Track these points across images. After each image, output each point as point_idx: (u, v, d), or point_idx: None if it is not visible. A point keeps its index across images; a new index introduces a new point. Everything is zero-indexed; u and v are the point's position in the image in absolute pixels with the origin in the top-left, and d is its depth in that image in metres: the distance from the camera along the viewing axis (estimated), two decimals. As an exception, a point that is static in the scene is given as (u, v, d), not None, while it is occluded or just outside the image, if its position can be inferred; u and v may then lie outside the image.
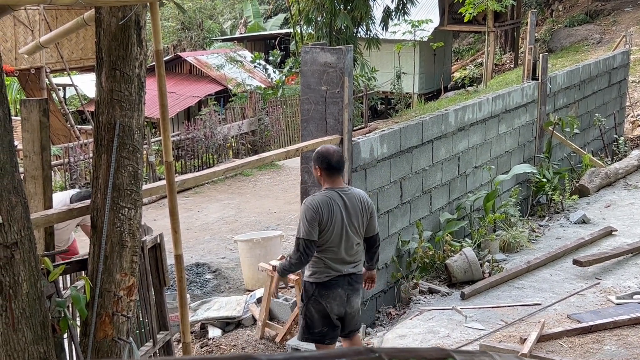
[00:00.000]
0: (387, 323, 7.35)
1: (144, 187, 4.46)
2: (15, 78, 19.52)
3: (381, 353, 1.28)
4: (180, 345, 4.87)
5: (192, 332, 8.15)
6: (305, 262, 5.52)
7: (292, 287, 8.46)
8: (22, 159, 4.29)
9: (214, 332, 8.09)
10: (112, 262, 4.02)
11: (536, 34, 26.32)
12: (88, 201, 4.17)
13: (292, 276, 7.48)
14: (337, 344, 5.99)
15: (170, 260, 5.29)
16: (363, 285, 5.87)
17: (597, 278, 7.43)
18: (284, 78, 23.05)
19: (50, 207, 4.23)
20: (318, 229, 5.41)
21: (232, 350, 7.53)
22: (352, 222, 5.52)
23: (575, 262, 7.58)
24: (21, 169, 4.37)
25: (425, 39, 24.57)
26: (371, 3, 18.59)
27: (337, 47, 6.87)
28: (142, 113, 4.09)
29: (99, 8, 3.97)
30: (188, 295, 8.41)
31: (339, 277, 5.54)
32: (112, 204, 3.97)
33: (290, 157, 7.23)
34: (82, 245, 8.22)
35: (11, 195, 3.45)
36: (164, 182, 4.58)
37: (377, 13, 19.84)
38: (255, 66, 25.60)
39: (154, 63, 4.46)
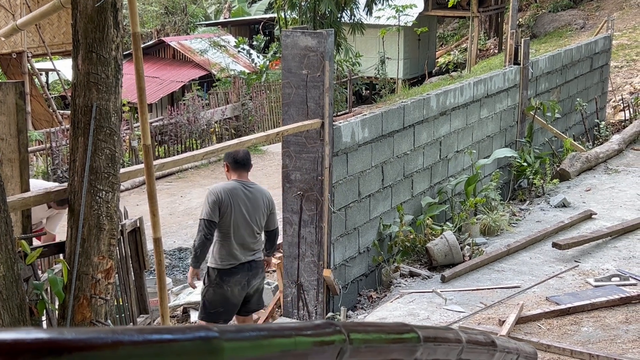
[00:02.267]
0: (368, 306, 7.39)
1: (122, 170, 4.45)
2: (-3, 63, 19.35)
3: (341, 326, 1.30)
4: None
5: (174, 316, 8.16)
6: (208, 242, 5.94)
7: (274, 271, 8.48)
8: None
9: (196, 316, 8.11)
10: (89, 245, 4.02)
11: (520, 19, 26.37)
12: (65, 184, 4.17)
13: (273, 260, 7.51)
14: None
15: (150, 244, 5.30)
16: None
17: (576, 261, 7.49)
18: (267, 63, 23.00)
19: (27, 190, 4.21)
20: (219, 212, 5.89)
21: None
22: (254, 213, 6.08)
23: (555, 245, 7.63)
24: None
25: (409, 24, 24.55)
26: (355, -13, 18.55)
27: (318, 31, 6.87)
28: (119, 96, 4.08)
29: (75, -10, 3.95)
30: (170, 280, 8.43)
31: (240, 264, 6.04)
32: (89, 187, 3.97)
33: (271, 141, 7.24)
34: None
35: (-13, 178, 3.44)
36: (142, 165, 4.58)
37: (361, -2, 19.80)
38: (239, 51, 25.52)
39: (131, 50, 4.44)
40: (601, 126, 13.27)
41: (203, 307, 6.17)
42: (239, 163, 6.11)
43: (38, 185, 6.74)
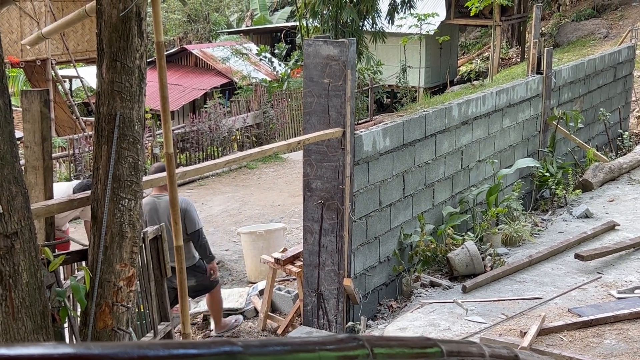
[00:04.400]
0: (388, 316, 7.37)
1: (145, 178, 4.48)
2: (21, 69, 19.57)
3: (364, 341, 1.29)
4: (181, 336, 4.90)
5: (194, 324, 8.18)
6: None
7: (294, 279, 8.48)
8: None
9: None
10: (112, 252, 4.04)
11: (543, 28, 26.24)
12: (89, 192, 4.19)
13: (294, 268, 7.51)
14: None
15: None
16: (210, 275, 7.29)
17: (598, 272, 7.43)
18: (289, 71, 23.04)
19: (51, 197, 4.25)
20: None
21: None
22: (164, 222, 6.67)
23: (577, 256, 7.57)
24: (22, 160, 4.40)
25: (431, 33, 24.52)
26: (377, -4, 18.54)
27: (340, 39, 6.87)
28: (142, 104, 4.11)
29: (100, -1, 3.98)
30: (191, 287, 8.45)
31: None
32: (112, 195, 3.99)
33: (292, 149, 7.27)
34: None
35: (11, 185, 3.47)
36: (164, 173, 4.60)
37: (383, 6, 19.79)
38: (260, 59, 25.60)
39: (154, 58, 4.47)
40: (624, 136, 13.17)
41: None
42: None
43: (64, 188, 7.10)
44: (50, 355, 0.76)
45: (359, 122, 20.70)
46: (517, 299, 6.85)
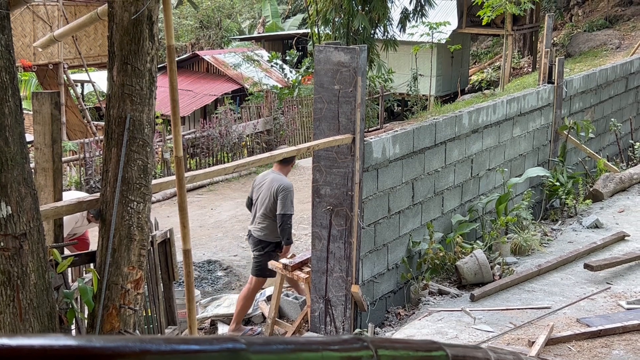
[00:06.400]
0: (395, 323, 7.35)
1: (154, 181, 4.48)
2: (34, 73, 19.66)
3: (369, 342, 1.29)
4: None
5: (202, 329, 8.18)
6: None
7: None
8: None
9: (223, 328, 8.12)
10: (120, 255, 4.05)
11: (555, 39, 26.20)
12: (97, 195, 4.20)
13: (302, 275, 7.51)
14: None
15: (180, 256, 5.32)
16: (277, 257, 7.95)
17: (608, 283, 7.39)
18: (300, 78, 23.07)
19: (60, 199, 4.26)
20: (252, 191, 8.41)
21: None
22: (263, 192, 8.08)
23: (587, 266, 7.53)
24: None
25: (443, 42, 24.50)
26: (389, 4, 18.56)
27: (351, 46, 6.87)
28: (152, 107, 4.12)
29: (112, 2, 4.00)
30: (199, 292, 8.45)
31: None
32: (121, 198, 4.00)
33: (302, 155, 7.26)
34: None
35: (21, 186, 3.48)
36: (173, 177, 4.61)
37: (395, 14, 19.82)
38: (272, 66, 25.64)
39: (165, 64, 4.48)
40: (636, 147, 13.10)
41: None
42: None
43: (72, 196, 7.00)
44: (52, 347, 0.76)
45: (369, 129, 20.69)
46: (525, 309, 6.82)
